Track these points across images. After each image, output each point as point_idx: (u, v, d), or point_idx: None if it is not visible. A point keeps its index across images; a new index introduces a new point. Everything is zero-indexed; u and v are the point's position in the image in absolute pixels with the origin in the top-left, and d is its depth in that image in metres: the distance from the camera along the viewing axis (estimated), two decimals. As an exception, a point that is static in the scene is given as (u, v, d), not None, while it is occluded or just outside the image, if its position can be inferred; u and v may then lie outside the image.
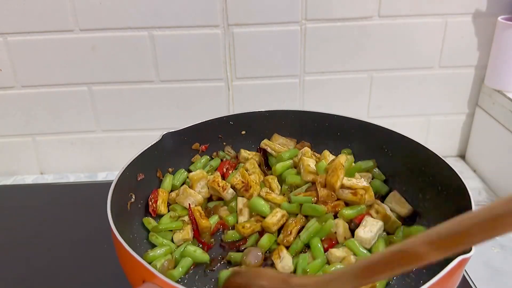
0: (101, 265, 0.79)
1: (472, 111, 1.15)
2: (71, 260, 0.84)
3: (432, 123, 1.17)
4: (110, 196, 0.64)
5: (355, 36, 1.05)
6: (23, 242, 0.90)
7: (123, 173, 0.71)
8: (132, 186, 0.76)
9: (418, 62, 1.09)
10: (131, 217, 0.75)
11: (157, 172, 0.83)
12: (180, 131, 0.83)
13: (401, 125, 1.15)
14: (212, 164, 0.89)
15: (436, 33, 1.06)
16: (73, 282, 0.79)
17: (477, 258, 0.80)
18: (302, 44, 1.06)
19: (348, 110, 1.14)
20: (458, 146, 1.21)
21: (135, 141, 1.14)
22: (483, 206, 0.33)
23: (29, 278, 0.80)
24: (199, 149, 0.90)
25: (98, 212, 0.63)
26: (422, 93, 1.13)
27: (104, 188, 0.66)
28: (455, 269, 0.51)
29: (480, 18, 1.04)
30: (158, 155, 0.81)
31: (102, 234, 0.68)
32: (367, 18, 1.04)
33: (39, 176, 1.18)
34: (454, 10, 1.03)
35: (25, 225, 0.94)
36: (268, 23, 1.03)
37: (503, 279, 0.80)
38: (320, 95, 1.12)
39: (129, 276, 0.59)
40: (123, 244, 0.55)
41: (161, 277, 0.50)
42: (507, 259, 0.84)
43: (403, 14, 1.03)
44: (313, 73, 1.09)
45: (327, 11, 1.02)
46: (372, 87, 1.12)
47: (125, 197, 0.74)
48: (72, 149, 1.15)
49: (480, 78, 1.11)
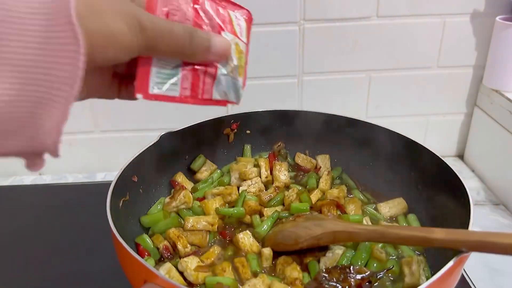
0: (101, 266, 0.79)
1: (470, 111, 1.16)
2: (70, 261, 0.84)
3: (431, 123, 1.17)
4: (110, 196, 0.64)
5: (353, 36, 1.05)
6: (21, 242, 0.89)
7: (122, 173, 0.71)
8: (130, 186, 0.76)
9: (416, 62, 1.09)
10: (126, 215, 0.74)
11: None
12: (178, 132, 0.83)
13: (400, 125, 1.15)
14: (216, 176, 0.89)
15: (435, 33, 1.06)
16: (72, 283, 0.79)
17: (477, 258, 0.80)
18: (300, 44, 1.06)
19: (347, 110, 1.14)
20: (457, 146, 1.22)
21: (134, 141, 1.13)
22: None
23: (28, 278, 0.80)
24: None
25: (97, 213, 0.63)
26: (421, 93, 1.13)
27: (103, 189, 0.65)
28: (454, 266, 0.51)
29: (478, 18, 1.04)
30: (157, 156, 0.80)
31: (101, 234, 0.67)
32: (365, 18, 1.04)
33: (37, 176, 1.18)
34: (453, 10, 1.03)
35: (24, 226, 0.94)
36: (266, 23, 1.03)
37: (502, 279, 0.80)
38: (319, 95, 1.12)
39: (130, 277, 0.59)
40: (124, 245, 0.54)
41: (162, 277, 0.50)
42: (506, 260, 0.84)
43: (402, 14, 1.04)
44: (311, 73, 1.09)
45: (326, 11, 1.02)
46: (370, 87, 1.12)
47: (123, 197, 0.74)
48: (70, 149, 1.15)
49: (479, 78, 1.11)
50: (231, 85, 0.54)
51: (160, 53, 0.45)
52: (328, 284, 0.60)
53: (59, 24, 0.34)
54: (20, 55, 0.33)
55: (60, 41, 0.34)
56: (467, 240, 0.53)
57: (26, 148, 0.38)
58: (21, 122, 0.35)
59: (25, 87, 0.34)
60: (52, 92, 0.35)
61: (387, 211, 0.80)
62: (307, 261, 0.68)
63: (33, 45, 0.33)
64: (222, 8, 0.54)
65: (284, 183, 0.85)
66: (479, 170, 1.13)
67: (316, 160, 0.92)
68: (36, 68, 0.34)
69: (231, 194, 0.80)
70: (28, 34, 0.33)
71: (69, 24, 0.34)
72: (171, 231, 0.73)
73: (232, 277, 0.65)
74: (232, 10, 0.56)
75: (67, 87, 0.35)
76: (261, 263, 0.70)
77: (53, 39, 0.34)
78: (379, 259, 0.67)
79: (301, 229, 0.68)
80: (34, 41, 0.33)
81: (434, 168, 0.74)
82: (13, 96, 0.34)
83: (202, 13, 0.50)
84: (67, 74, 0.35)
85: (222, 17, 0.53)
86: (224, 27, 0.53)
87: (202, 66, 0.50)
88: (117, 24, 0.39)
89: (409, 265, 0.65)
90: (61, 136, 0.37)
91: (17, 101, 0.34)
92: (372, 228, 0.63)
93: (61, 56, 0.34)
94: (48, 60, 0.34)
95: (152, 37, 0.42)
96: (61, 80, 0.35)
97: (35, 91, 0.34)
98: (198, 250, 0.73)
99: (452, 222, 0.67)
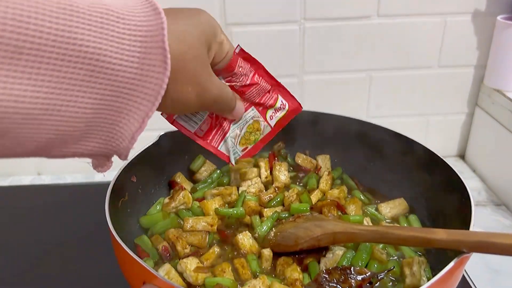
0: (99, 266, 0.79)
1: (471, 110, 1.15)
2: (69, 261, 0.84)
3: (432, 122, 1.17)
4: (108, 197, 0.64)
5: (354, 35, 1.05)
6: (20, 243, 0.89)
7: (120, 174, 0.70)
8: (129, 186, 0.75)
9: (417, 62, 1.09)
10: (125, 216, 0.74)
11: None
12: (177, 132, 0.82)
13: (400, 124, 1.15)
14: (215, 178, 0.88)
15: (435, 32, 1.05)
16: (71, 284, 0.79)
17: (478, 259, 0.80)
18: (301, 43, 1.05)
19: (347, 109, 1.13)
20: (458, 146, 1.21)
21: (133, 141, 1.13)
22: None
23: (27, 279, 0.80)
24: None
25: (96, 213, 0.63)
26: (422, 92, 1.13)
27: (101, 189, 0.65)
28: (455, 267, 0.51)
29: (479, 18, 1.04)
30: (156, 156, 0.80)
31: (99, 235, 0.67)
32: (366, 17, 1.03)
33: (36, 177, 1.17)
34: (453, 9, 1.03)
35: (23, 226, 0.94)
36: (267, 23, 1.03)
37: (503, 280, 0.80)
38: (319, 95, 1.11)
39: (129, 277, 0.59)
40: (123, 246, 0.54)
41: (162, 278, 0.50)
42: (507, 260, 0.83)
43: (402, 13, 1.03)
44: (312, 72, 1.09)
45: (326, 10, 1.02)
46: (371, 86, 1.11)
47: (122, 197, 0.73)
48: (69, 149, 1.15)
49: (480, 78, 1.11)
50: (231, 148, 0.64)
51: (211, 109, 0.58)
52: (328, 285, 0.60)
53: (153, 47, 0.39)
54: (117, 71, 0.37)
55: (151, 62, 0.39)
56: (468, 240, 0.52)
57: (101, 150, 0.43)
58: (102, 127, 0.40)
59: (111, 98, 0.38)
60: (134, 105, 0.40)
61: (387, 211, 0.79)
62: (307, 262, 0.68)
63: (128, 63, 0.38)
64: (273, 92, 0.64)
65: (284, 183, 0.85)
66: (481, 170, 1.13)
67: (317, 161, 0.91)
68: (127, 84, 0.39)
69: (230, 195, 0.80)
70: (126, 54, 0.37)
71: (161, 48, 0.39)
72: (170, 232, 0.72)
73: (231, 278, 0.65)
74: (283, 97, 0.66)
75: (149, 103, 0.40)
76: (261, 264, 0.69)
77: (146, 60, 0.39)
78: (380, 260, 0.67)
79: (301, 230, 0.68)
80: (129, 60, 0.38)
81: (435, 168, 0.73)
82: (99, 104, 0.38)
83: (252, 88, 0.61)
84: (151, 92, 0.40)
85: (266, 98, 0.64)
86: (258, 105, 0.64)
87: (220, 121, 0.62)
88: (188, 94, 0.47)
89: (410, 266, 0.64)
90: (134, 144, 0.43)
91: (102, 109, 0.38)
92: (373, 229, 0.63)
93: (150, 76, 0.39)
94: (137, 78, 0.39)
95: (211, 102, 0.51)
96: (145, 97, 0.40)
97: (119, 102, 0.39)
98: (198, 251, 0.72)
99: (453, 222, 0.66)
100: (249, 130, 0.64)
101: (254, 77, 0.59)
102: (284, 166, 0.87)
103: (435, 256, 0.68)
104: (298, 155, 0.92)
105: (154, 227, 0.75)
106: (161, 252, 0.71)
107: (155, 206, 0.79)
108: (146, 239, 0.72)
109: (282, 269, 0.67)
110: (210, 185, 0.86)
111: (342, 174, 0.90)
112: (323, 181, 0.84)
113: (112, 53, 0.36)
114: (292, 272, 0.65)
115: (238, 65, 0.56)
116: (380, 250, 0.67)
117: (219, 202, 0.79)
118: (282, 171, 0.86)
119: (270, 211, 0.77)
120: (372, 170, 0.87)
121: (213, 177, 0.88)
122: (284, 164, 0.88)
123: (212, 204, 0.77)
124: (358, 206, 0.78)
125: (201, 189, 0.85)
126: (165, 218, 0.76)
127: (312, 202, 0.78)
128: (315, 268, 0.67)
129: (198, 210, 0.78)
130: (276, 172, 0.85)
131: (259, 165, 0.86)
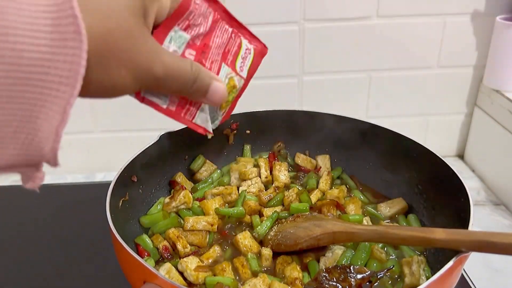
0: (100, 266, 0.79)
1: (470, 111, 1.16)
2: (69, 261, 0.84)
3: (431, 123, 1.17)
4: (109, 196, 0.64)
5: (353, 36, 1.05)
6: (21, 243, 0.89)
7: (121, 173, 0.71)
8: (129, 186, 0.76)
9: (416, 62, 1.09)
10: (126, 215, 0.74)
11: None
12: (178, 132, 0.83)
13: (400, 125, 1.15)
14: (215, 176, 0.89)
15: (435, 33, 1.06)
16: (71, 283, 0.79)
17: (477, 258, 0.80)
18: (301, 44, 1.05)
19: (347, 110, 1.13)
20: (457, 146, 1.21)
21: (133, 141, 1.13)
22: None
23: (27, 279, 0.80)
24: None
25: (96, 213, 0.63)
26: (421, 93, 1.13)
27: (102, 189, 0.65)
28: (454, 266, 0.52)
29: (479, 18, 1.04)
30: (156, 156, 0.80)
31: (100, 234, 0.67)
32: (365, 18, 1.04)
33: (37, 176, 1.17)
34: (453, 10, 1.03)
35: (23, 226, 0.94)
36: (266, 23, 1.03)
37: (502, 279, 0.80)
38: (319, 95, 1.12)
39: (129, 277, 0.59)
40: (123, 245, 0.54)
41: (162, 277, 0.50)
42: (506, 260, 0.84)
43: (402, 14, 1.03)
44: (312, 73, 1.09)
45: (326, 11, 1.02)
46: (371, 87, 1.12)
47: (123, 197, 0.73)
48: (69, 149, 1.15)
49: (479, 78, 1.11)
50: (210, 115, 0.57)
51: (160, 91, 0.48)
52: (328, 284, 0.60)
53: (61, 16, 0.31)
54: (21, 52, 0.30)
55: (62, 36, 0.31)
56: (467, 240, 0.53)
57: (21, 158, 0.33)
58: (14, 127, 0.31)
59: (18, 88, 0.30)
60: (51, 93, 0.31)
61: (387, 211, 0.79)
62: (307, 261, 0.68)
63: (33, 40, 0.30)
64: (236, 35, 0.57)
65: (284, 183, 0.85)
66: (479, 170, 1.13)
67: (316, 160, 0.91)
68: (37, 67, 0.30)
69: (230, 194, 0.80)
70: (28, 28, 0.30)
71: (72, 17, 0.31)
72: (171, 231, 0.73)
73: (232, 277, 0.65)
74: (247, 40, 0.59)
75: (68, 88, 0.32)
76: (261, 263, 0.70)
77: (55, 34, 0.31)
78: (379, 259, 0.67)
79: (301, 229, 0.68)
80: (34, 36, 0.30)
81: (434, 168, 0.74)
82: (5, 98, 0.30)
83: (214, 37, 0.53)
84: (67, 73, 0.31)
85: (231, 45, 0.56)
86: (226, 58, 0.55)
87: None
88: (121, 79, 0.38)
89: (409, 265, 0.64)
90: (59, 142, 0.34)
91: (10, 103, 0.30)
92: (372, 228, 0.63)
93: (63, 53, 0.31)
94: (47, 58, 0.31)
95: (160, 83, 0.42)
96: (61, 80, 0.32)
97: (30, 92, 0.31)
98: (198, 250, 0.73)
99: (452, 222, 0.67)
100: (227, 90, 0.56)
101: (215, 18, 0.52)
102: (284, 166, 0.87)
103: (434, 256, 0.68)
104: (298, 155, 0.92)
105: (154, 226, 0.75)
106: (161, 251, 0.71)
107: (156, 206, 0.79)
108: (146, 239, 0.72)
109: (282, 268, 0.67)
110: (211, 185, 0.87)
111: (341, 173, 0.90)
112: (323, 181, 0.85)
113: (9, 29, 0.28)
114: (292, 271, 0.65)
115: (193, 1, 0.48)
116: (380, 250, 0.68)
117: (219, 202, 0.79)
118: (282, 171, 0.86)
119: (270, 211, 0.77)
120: (371, 170, 0.87)
121: (213, 177, 0.88)
122: (284, 164, 0.88)
123: (212, 203, 0.78)
124: (357, 206, 0.79)
125: (201, 189, 0.85)
126: (165, 218, 0.76)
127: (312, 201, 0.78)
128: (315, 267, 0.67)
129: (198, 210, 0.79)
130: (276, 172, 0.86)
131: (259, 165, 0.87)
